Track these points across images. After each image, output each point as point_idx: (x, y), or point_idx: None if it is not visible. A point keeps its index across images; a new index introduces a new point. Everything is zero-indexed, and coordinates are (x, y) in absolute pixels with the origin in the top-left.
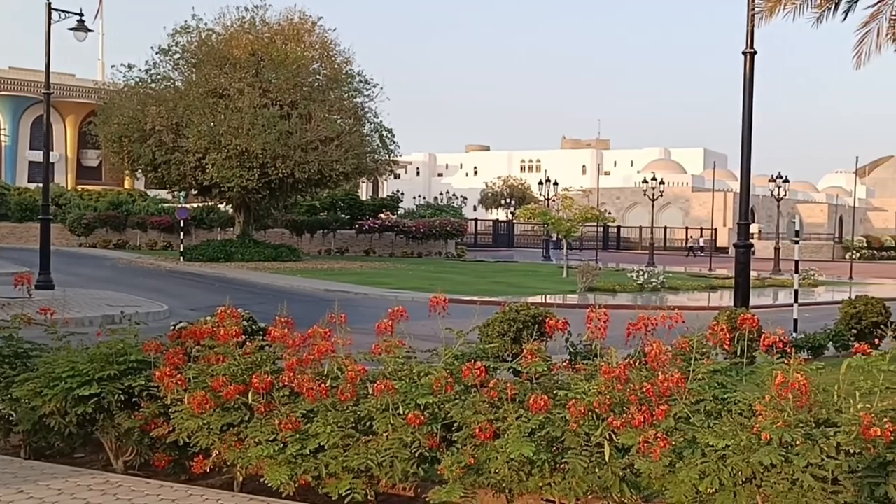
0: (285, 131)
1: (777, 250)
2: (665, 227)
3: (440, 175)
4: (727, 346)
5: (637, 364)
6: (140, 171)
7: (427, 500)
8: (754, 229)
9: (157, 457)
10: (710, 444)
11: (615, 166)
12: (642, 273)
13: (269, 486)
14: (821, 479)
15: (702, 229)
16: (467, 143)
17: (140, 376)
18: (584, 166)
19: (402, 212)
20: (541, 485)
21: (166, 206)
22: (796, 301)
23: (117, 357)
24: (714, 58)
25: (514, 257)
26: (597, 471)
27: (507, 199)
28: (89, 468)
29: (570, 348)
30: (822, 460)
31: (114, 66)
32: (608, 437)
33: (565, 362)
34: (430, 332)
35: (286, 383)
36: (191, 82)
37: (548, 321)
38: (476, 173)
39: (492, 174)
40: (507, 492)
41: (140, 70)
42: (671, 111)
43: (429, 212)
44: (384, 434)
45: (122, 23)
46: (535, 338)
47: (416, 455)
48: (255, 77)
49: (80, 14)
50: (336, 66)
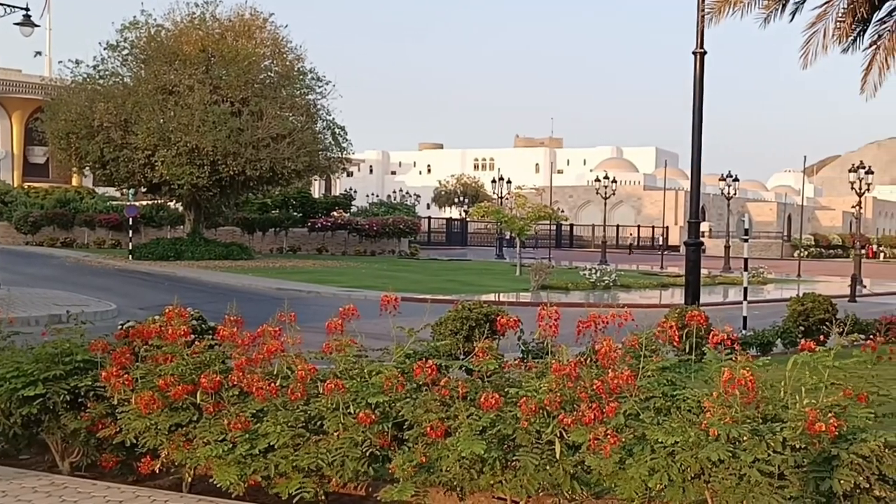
0: (236, 128)
1: (727, 248)
2: (617, 226)
3: (393, 173)
4: (676, 344)
5: (588, 362)
6: (88, 168)
7: (378, 499)
8: (705, 228)
9: (105, 458)
10: (660, 440)
11: (568, 165)
12: (595, 271)
13: (219, 486)
14: (767, 473)
15: (640, 227)
16: (421, 141)
17: (86, 376)
18: (537, 165)
19: (355, 210)
20: (492, 482)
21: (115, 203)
22: (745, 298)
23: (63, 357)
24: (666, 58)
25: (468, 256)
26: (548, 468)
27: (461, 198)
28: (34, 470)
29: (523, 346)
30: (769, 455)
31: (61, 62)
32: (559, 435)
33: (518, 360)
34: (383, 330)
35: (235, 383)
36: (140, 78)
37: (499, 319)
38: (429, 171)
39: (445, 172)
40: (458, 490)
41: (88, 66)
42: (624, 110)
43: (382, 210)
44: (335, 433)
45: (69, 18)
46: (488, 336)
47: (368, 454)
48: (205, 73)
49: (27, 9)
50: (288, 63)
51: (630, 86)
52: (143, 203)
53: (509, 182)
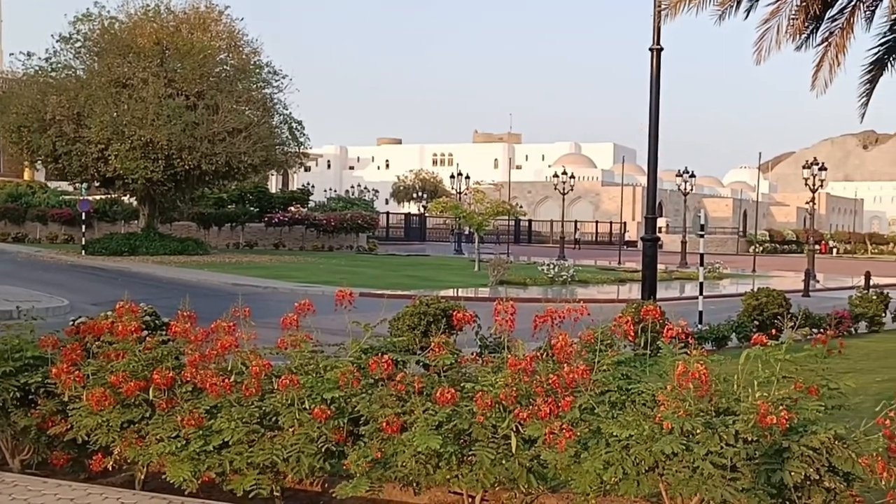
0: (191, 122)
1: (684, 244)
2: (576, 221)
3: (351, 168)
4: (632, 338)
5: (544, 356)
6: (40, 162)
7: (334, 495)
8: (662, 223)
9: (56, 455)
10: (615, 434)
11: (527, 160)
12: (553, 266)
13: (172, 483)
14: (720, 466)
15: (598, 222)
16: (379, 136)
17: (37, 373)
18: (496, 160)
19: (312, 205)
20: (448, 477)
21: (68, 198)
22: (701, 293)
23: (13, 353)
24: (624, 55)
25: (426, 251)
26: (504, 462)
27: (420, 193)
28: None
29: (480, 341)
30: (722, 448)
31: (12, 55)
32: (515, 429)
33: (475, 355)
34: (340, 326)
35: (189, 379)
36: (93, 71)
37: (455, 314)
38: (388, 166)
39: (404, 167)
40: (414, 485)
41: (40, 58)
42: (582, 107)
43: (340, 205)
44: (290, 429)
45: (21, 10)
46: (444, 331)
47: (323, 450)
48: (159, 66)
49: None
50: (244, 57)
51: (589, 82)
52: (97, 198)
53: (468, 177)
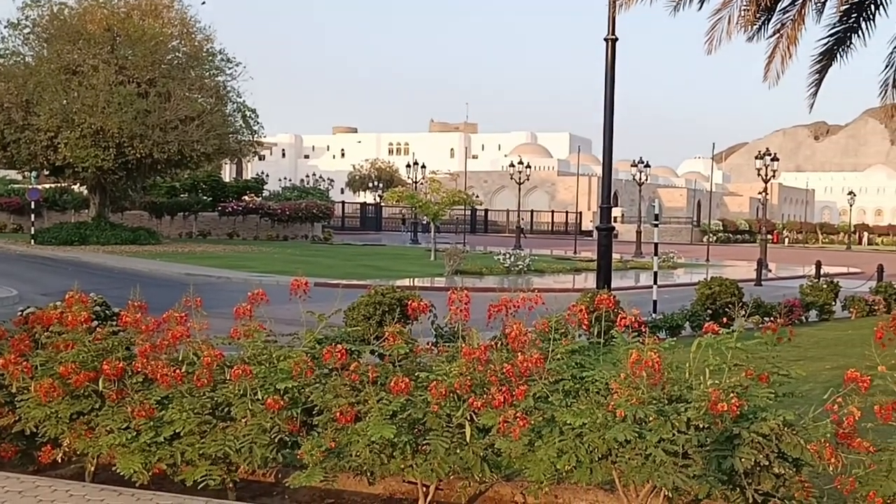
0: (143, 110)
1: (639, 233)
2: (532, 211)
3: (307, 157)
4: (586, 327)
5: (499, 345)
6: None
7: (287, 485)
8: (617, 213)
9: (3, 447)
10: (568, 422)
11: (483, 150)
12: (509, 256)
13: (122, 475)
14: (672, 453)
15: (554, 212)
16: (334, 124)
17: None
18: (452, 150)
19: (267, 194)
20: (403, 467)
21: (16, 187)
22: (656, 283)
23: None
24: (580, 44)
25: (382, 240)
26: (458, 451)
27: (375, 182)
28: None
29: (436, 331)
30: (674, 435)
31: None
32: (469, 418)
33: (430, 345)
34: (294, 316)
35: (139, 369)
36: (42, 58)
37: (410, 304)
38: (343, 156)
39: (360, 157)
40: (368, 475)
41: None
42: (538, 96)
43: (295, 194)
44: (243, 420)
45: None
46: (399, 320)
47: (276, 440)
48: (110, 53)
49: None
50: (196, 44)
51: (545, 72)
52: (46, 186)
53: (424, 167)
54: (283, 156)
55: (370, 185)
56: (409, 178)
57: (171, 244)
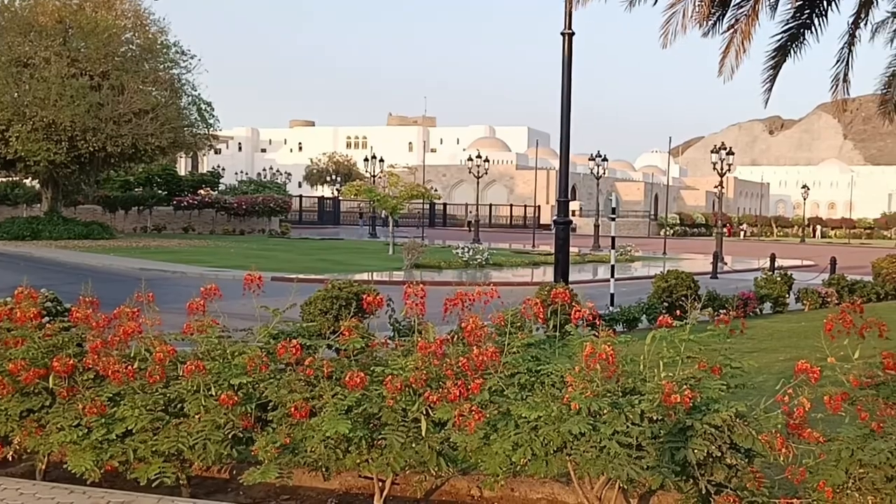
0: (96, 103)
1: (597, 227)
2: (490, 205)
3: (263, 151)
4: (542, 321)
5: (455, 339)
6: None
7: (242, 481)
8: (575, 206)
9: None
10: (523, 415)
11: (441, 144)
12: (468, 250)
13: (74, 472)
14: (626, 445)
15: (513, 206)
16: (291, 118)
17: None
18: (410, 143)
19: (223, 188)
20: (358, 462)
21: None
22: (613, 276)
23: None
24: (538, 38)
25: (340, 234)
26: (414, 446)
27: (333, 176)
28: None
29: (393, 325)
30: (628, 427)
31: None
32: (425, 413)
33: (387, 339)
34: (249, 311)
35: (90, 366)
36: None
37: (366, 298)
38: (301, 149)
39: (317, 150)
40: (324, 470)
41: None
42: (497, 90)
43: (251, 188)
44: (196, 416)
45: None
46: (356, 315)
47: (230, 436)
48: (62, 45)
49: None
50: (150, 36)
51: (503, 66)
52: None
53: (382, 160)
54: (240, 149)
55: (328, 178)
56: (367, 171)
57: (125, 239)
